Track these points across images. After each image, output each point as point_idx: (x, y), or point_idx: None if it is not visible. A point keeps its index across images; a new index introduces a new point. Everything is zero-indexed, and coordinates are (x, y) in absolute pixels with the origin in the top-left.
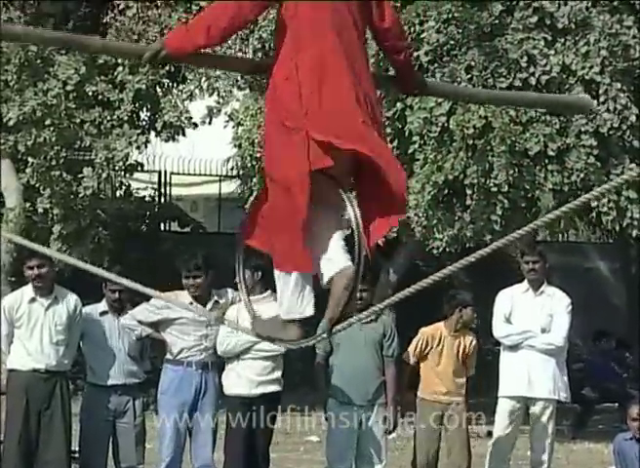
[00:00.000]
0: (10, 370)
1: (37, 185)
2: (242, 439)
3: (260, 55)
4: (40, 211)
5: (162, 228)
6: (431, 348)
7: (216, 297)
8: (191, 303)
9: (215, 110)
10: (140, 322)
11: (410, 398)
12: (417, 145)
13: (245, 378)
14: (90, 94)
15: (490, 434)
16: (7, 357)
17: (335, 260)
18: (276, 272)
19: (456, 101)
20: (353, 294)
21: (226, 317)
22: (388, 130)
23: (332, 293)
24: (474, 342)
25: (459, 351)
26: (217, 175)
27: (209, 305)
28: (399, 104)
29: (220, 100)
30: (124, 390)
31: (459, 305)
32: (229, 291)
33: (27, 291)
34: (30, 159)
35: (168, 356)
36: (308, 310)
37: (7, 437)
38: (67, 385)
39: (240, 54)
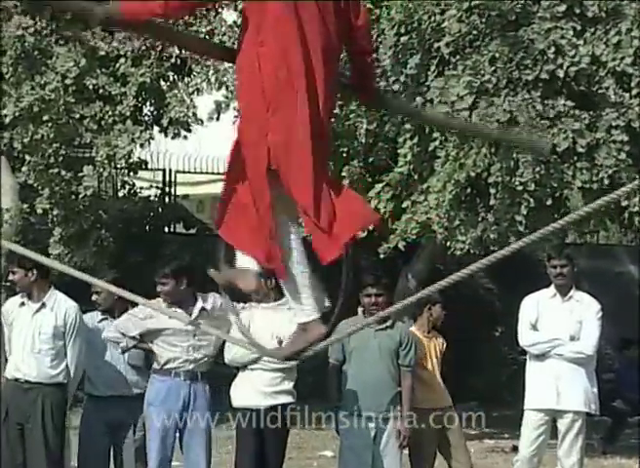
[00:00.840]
0: (3, 378)
1: (35, 185)
2: (252, 454)
3: None
4: (39, 211)
5: (166, 230)
6: None
7: (202, 304)
8: (174, 310)
9: (223, 105)
10: (122, 334)
11: None
12: (437, 142)
13: (254, 389)
14: (90, 87)
15: (515, 449)
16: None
17: (304, 308)
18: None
19: (478, 95)
20: (314, 345)
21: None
22: (408, 126)
23: (297, 335)
24: (445, 344)
25: (436, 352)
26: (225, 174)
27: (195, 312)
28: (419, 99)
29: (229, 95)
30: (124, 402)
31: (427, 303)
32: (215, 296)
33: (18, 296)
34: (27, 157)
35: (155, 366)
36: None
37: None
38: (58, 399)
39: None
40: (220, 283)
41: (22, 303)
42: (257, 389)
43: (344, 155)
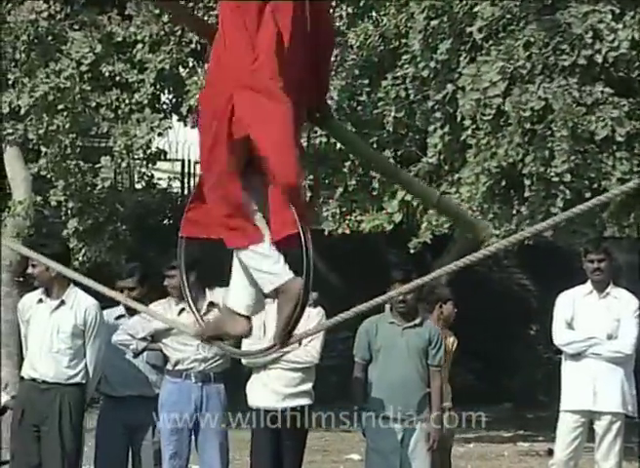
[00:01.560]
0: (20, 377)
1: (49, 176)
2: (268, 458)
3: None
4: (53, 204)
5: None
6: None
7: (211, 298)
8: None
9: None
10: (132, 336)
11: None
12: (469, 131)
13: (271, 390)
14: (107, 74)
15: (551, 452)
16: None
17: (276, 272)
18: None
19: (512, 81)
20: (304, 306)
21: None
22: (438, 114)
23: (280, 306)
24: (456, 343)
25: (446, 351)
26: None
27: (204, 307)
28: (449, 86)
29: None
30: (142, 402)
31: (438, 301)
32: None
33: (39, 291)
34: (43, 148)
35: (167, 367)
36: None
37: (10, 450)
38: (76, 400)
39: None
40: (208, 336)
41: (40, 300)
42: (274, 390)
43: (373, 146)
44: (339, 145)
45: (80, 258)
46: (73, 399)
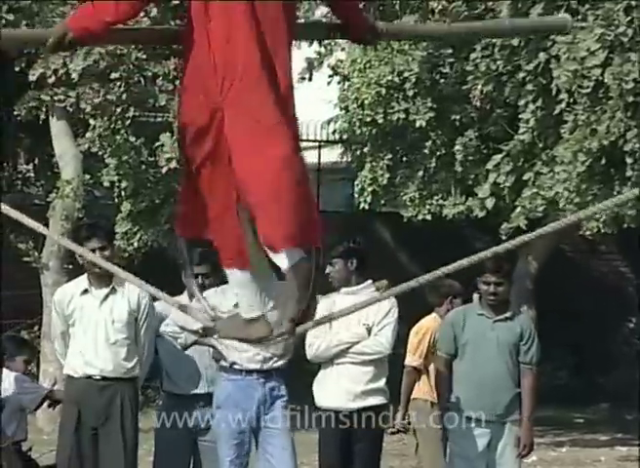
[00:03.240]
0: (66, 376)
1: (100, 153)
2: (339, 462)
3: None
4: (105, 184)
5: None
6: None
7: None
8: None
9: (315, 63)
10: (182, 328)
11: None
12: (564, 104)
13: (340, 388)
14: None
15: None
16: (62, 359)
17: (285, 253)
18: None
19: (612, 50)
20: (314, 291)
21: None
22: (529, 86)
23: (288, 292)
24: None
25: None
26: (315, 141)
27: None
28: (542, 55)
29: (322, 51)
30: (207, 401)
31: (448, 295)
32: None
33: (80, 281)
34: (92, 121)
35: (223, 363)
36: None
37: (58, 456)
38: (133, 395)
39: None
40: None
41: (85, 290)
42: (344, 388)
43: (457, 124)
44: (418, 123)
45: (135, 244)
46: (132, 394)
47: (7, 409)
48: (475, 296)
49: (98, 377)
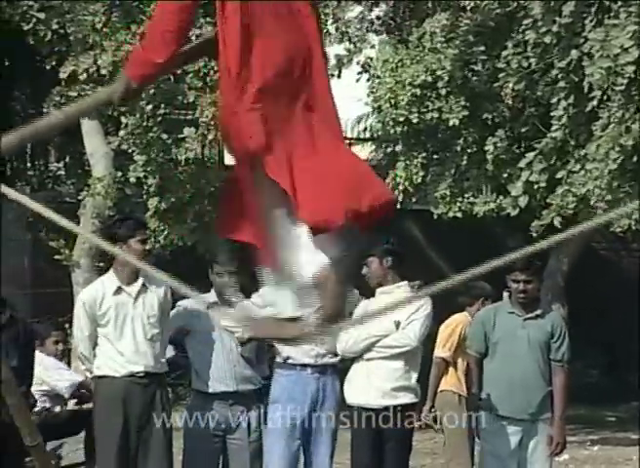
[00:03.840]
0: (99, 376)
1: (130, 151)
2: (370, 461)
3: None
4: (132, 180)
5: None
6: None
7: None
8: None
9: (345, 60)
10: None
11: None
12: (597, 102)
13: (371, 385)
14: (193, 38)
15: None
16: (88, 362)
17: (313, 257)
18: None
19: None
20: (345, 290)
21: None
22: (562, 84)
23: (321, 291)
24: None
25: None
26: (345, 139)
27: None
28: (574, 52)
29: (352, 48)
30: (236, 399)
31: (480, 297)
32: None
33: (109, 279)
34: (124, 119)
35: (278, 359)
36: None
37: (102, 456)
38: (167, 392)
39: None
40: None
41: (119, 289)
42: (374, 384)
43: (489, 122)
44: (452, 122)
45: (162, 241)
46: (166, 391)
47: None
48: (505, 295)
49: (141, 374)
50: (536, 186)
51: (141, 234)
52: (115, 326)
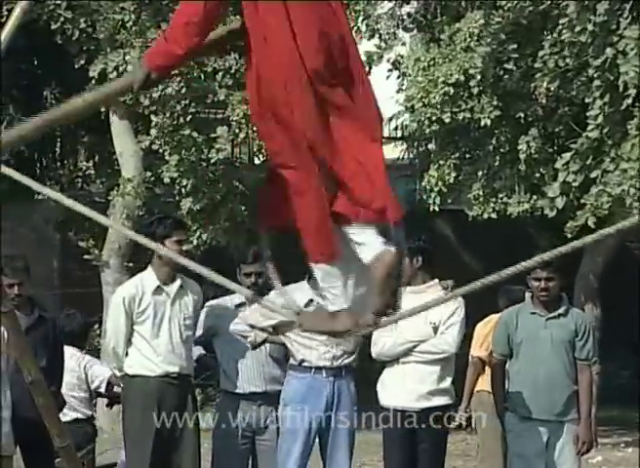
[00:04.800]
0: (132, 375)
1: (161, 150)
2: (403, 462)
3: None
4: (166, 181)
5: None
6: None
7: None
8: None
9: (375, 57)
10: (252, 326)
11: None
12: (631, 100)
13: (406, 388)
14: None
15: None
16: (119, 360)
17: (368, 243)
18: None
19: None
20: (398, 282)
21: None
22: (597, 82)
23: (372, 282)
24: None
25: None
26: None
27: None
28: (609, 50)
29: (382, 45)
30: (265, 400)
31: (515, 302)
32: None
33: (148, 278)
34: (153, 118)
35: (292, 361)
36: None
37: (134, 456)
38: (195, 394)
39: None
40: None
41: (159, 288)
42: (409, 388)
43: (521, 121)
44: (483, 122)
45: (195, 241)
46: (194, 392)
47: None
48: (527, 295)
49: (175, 375)
50: (571, 186)
51: (179, 234)
52: (153, 324)
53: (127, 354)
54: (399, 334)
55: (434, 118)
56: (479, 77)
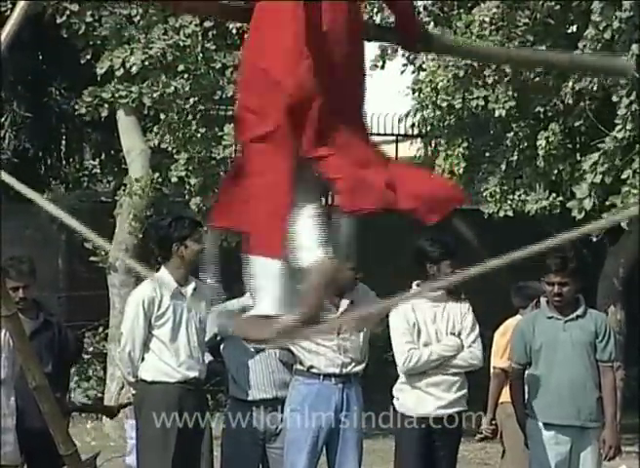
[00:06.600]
0: (150, 382)
1: (169, 149)
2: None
3: None
4: (173, 180)
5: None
6: None
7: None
8: None
9: (389, 51)
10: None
11: None
12: None
13: (429, 396)
14: (233, 31)
15: None
16: (133, 366)
17: (308, 247)
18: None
19: None
20: (327, 295)
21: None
22: (623, 80)
23: (309, 286)
24: None
25: None
26: (392, 135)
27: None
28: (635, 47)
29: None
30: (275, 406)
31: (533, 298)
32: None
33: (164, 279)
34: (161, 115)
35: (298, 366)
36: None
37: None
38: (207, 399)
39: None
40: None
41: (177, 290)
42: (432, 396)
43: (540, 116)
44: (498, 112)
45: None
46: (207, 397)
47: None
48: (543, 299)
49: (194, 380)
50: (598, 187)
51: (198, 233)
52: (172, 328)
53: (142, 359)
54: (426, 349)
55: (444, 104)
56: (494, 66)
